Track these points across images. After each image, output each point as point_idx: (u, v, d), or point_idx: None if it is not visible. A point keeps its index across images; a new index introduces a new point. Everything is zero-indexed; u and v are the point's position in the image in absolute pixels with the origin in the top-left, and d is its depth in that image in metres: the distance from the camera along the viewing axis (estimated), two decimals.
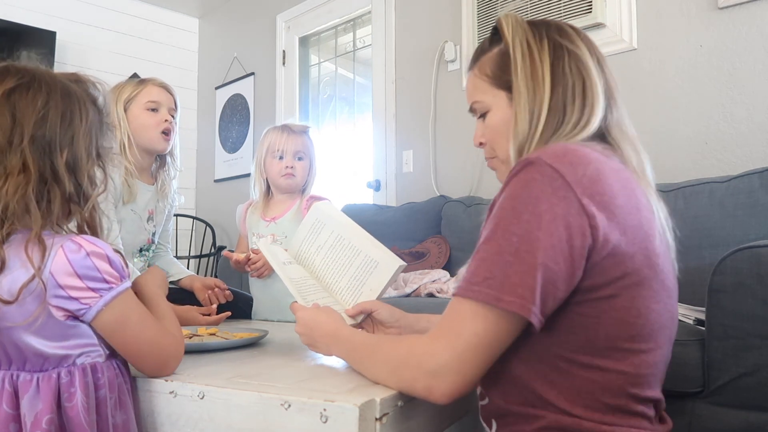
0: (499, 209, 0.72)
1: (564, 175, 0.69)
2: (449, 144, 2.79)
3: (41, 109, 0.76)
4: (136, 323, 0.80)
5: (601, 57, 0.84)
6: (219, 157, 4.17)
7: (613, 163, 0.75)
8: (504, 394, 0.77)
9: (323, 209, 1.19)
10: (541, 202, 0.68)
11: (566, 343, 0.72)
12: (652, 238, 0.74)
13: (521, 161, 0.73)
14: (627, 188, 0.74)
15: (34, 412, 0.73)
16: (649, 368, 0.74)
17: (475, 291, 0.69)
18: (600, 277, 0.70)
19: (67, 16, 3.74)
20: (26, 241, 0.72)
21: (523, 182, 0.71)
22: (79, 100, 0.80)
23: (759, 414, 1.18)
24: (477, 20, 2.58)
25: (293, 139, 1.70)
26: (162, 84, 1.66)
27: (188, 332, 1.17)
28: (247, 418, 0.74)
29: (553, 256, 0.67)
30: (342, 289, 1.12)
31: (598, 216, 0.69)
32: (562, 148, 0.73)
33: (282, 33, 3.77)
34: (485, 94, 0.87)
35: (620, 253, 0.70)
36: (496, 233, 0.70)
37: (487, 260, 0.70)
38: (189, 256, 3.84)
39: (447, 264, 2.37)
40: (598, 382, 0.72)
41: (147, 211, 1.67)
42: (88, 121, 0.80)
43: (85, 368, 0.77)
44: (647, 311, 0.73)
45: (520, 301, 0.67)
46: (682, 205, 1.79)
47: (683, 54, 2.09)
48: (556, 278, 0.68)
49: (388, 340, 0.86)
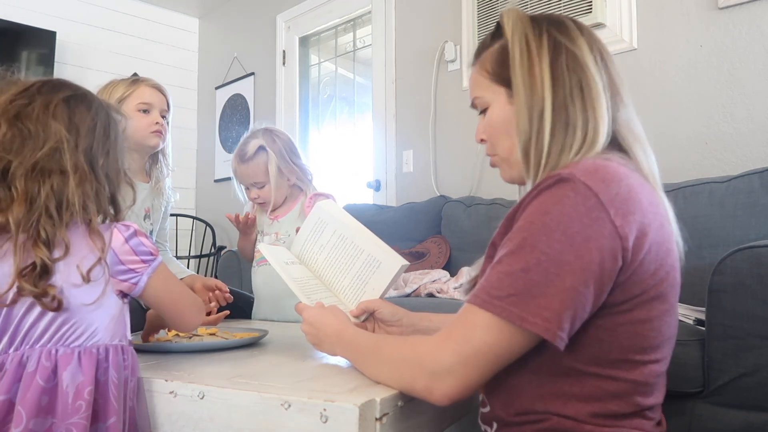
0: (527, 223, 0.70)
1: (598, 193, 0.67)
2: (449, 144, 2.79)
3: (92, 119, 0.88)
4: (175, 284, 0.95)
5: (605, 52, 0.82)
6: (219, 157, 4.16)
7: (638, 178, 0.74)
8: (506, 404, 0.77)
9: (326, 208, 1.19)
10: (574, 222, 0.67)
11: (579, 355, 0.72)
12: (671, 252, 0.74)
13: (554, 176, 0.71)
14: (653, 204, 0.73)
15: (76, 383, 0.78)
16: (657, 377, 0.75)
17: (497, 306, 0.68)
18: (621, 295, 0.70)
19: (67, 16, 3.74)
20: (88, 229, 0.83)
21: (555, 198, 0.69)
22: (114, 121, 0.94)
23: (759, 414, 1.18)
24: (477, 20, 2.58)
25: (244, 170, 1.67)
26: (155, 85, 1.65)
27: (188, 332, 1.17)
28: (247, 418, 0.74)
29: (583, 279, 0.66)
30: (345, 288, 1.12)
31: (630, 237, 0.68)
32: (593, 164, 0.71)
33: (282, 33, 3.77)
34: (485, 90, 0.86)
35: (644, 271, 0.70)
36: (523, 248, 0.69)
37: (511, 275, 0.69)
38: (189, 256, 3.84)
39: (447, 264, 2.36)
40: (607, 391, 0.72)
41: (143, 210, 1.67)
42: (118, 140, 0.94)
43: (117, 348, 0.84)
44: (660, 323, 0.73)
45: (544, 323, 0.66)
46: (682, 205, 1.78)
47: (683, 54, 2.09)
48: (585, 301, 0.67)
49: (392, 340, 0.86)
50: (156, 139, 1.62)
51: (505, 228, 0.75)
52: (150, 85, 1.63)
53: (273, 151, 1.64)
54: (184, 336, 1.17)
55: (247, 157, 1.64)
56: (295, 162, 1.69)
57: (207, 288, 1.62)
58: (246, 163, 1.65)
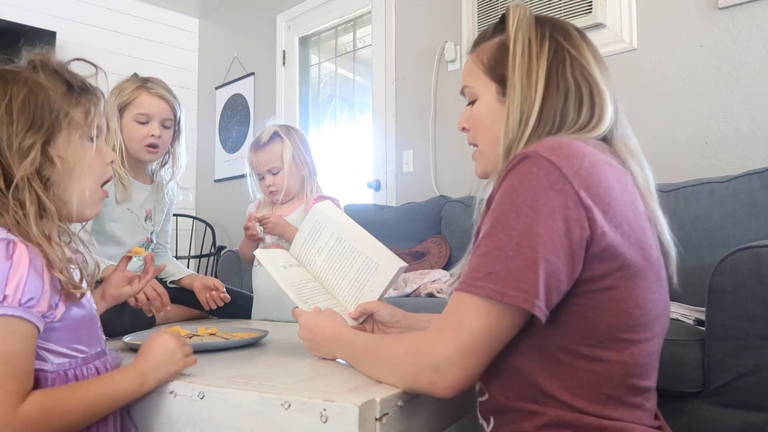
0: (497, 204, 0.72)
1: (560, 167, 0.69)
2: (449, 144, 2.79)
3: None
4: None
5: (605, 65, 0.84)
6: (219, 157, 4.17)
7: (605, 157, 0.76)
8: (504, 389, 0.77)
9: (323, 210, 1.19)
10: (539, 196, 0.69)
11: (567, 335, 0.73)
12: (645, 230, 0.75)
13: (518, 155, 0.73)
14: (620, 181, 0.75)
15: None
16: (647, 358, 0.75)
17: (479, 286, 0.70)
18: (598, 269, 0.71)
19: (67, 16, 3.74)
20: None
21: (520, 176, 0.71)
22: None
23: (759, 414, 1.18)
24: (477, 20, 2.58)
25: (259, 156, 1.69)
26: (158, 93, 1.60)
27: (188, 332, 1.17)
28: (247, 418, 0.74)
29: (553, 249, 0.68)
30: (343, 290, 1.12)
31: (595, 208, 0.69)
32: (557, 141, 0.73)
33: (282, 33, 3.77)
34: (477, 82, 0.88)
35: (617, 245, 0.71)
36: (496, 228, 0.71)
37: (488, 255, 0.70)
38: (189, 256, 3.84)
39: (447, 264, 2.37)
40: (599, 374, 0.72)
41: (144, 210, 1.67)
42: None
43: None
44: (644, 301, 0.73)
45: (523, 295, 0.67)
46: (682, 205, 1.79)
47: (683, 54, 2.09)
48: (558, 271, 0.69)
49: (389, 338, 0.86)
50: (148, 155, 1.60)
51: (485, 216, 0.77)
52: (152, 94, 1.59)
53: (288, 139, 1.69)
54: (183, 336, 1.17)
55: (263, 143, 1.69)
56: (308, 155, 1.73)
57: (206, 288, 1.62)
58: (262, 148, 1.69)
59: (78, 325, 0.78)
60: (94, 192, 0.83)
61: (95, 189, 0.83)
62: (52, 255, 0.73)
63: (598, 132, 0.79)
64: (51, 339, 0.75)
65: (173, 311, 1.51)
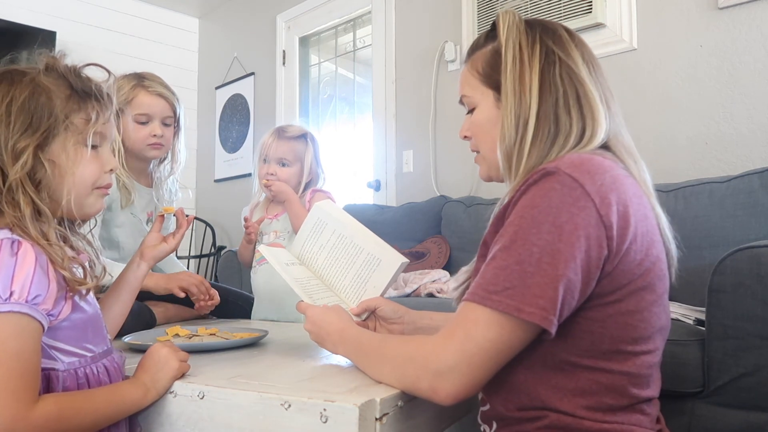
0: (517, 218, 0.72)
1: (583, 184, 0.69)
2: (449, 144, 2.79)
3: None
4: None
5: (596, 64, 0.84)
6: (219, 157, 4.17)
7: (622, 171, 0.76)
8: (506, 401, 0.77)
9: (324, 208, 1.19)
10: (562, 212, 0.69)
11: (572, 348, 0.73)
12: (657, 243, 0.75)
13: (539, 170, 0.72)
14: (637, 195, 0.75)
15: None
16: (650, 368, 0.75)
17: (494, 300, 0.69)
18: (608, 285, 0.71)
19: (67, 16, 3.74)
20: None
21: (542, 191, 0.71)
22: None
23: (759, 414, 1.18)
24: (477, 20, 2.58)
25: (279, 144, 1.69)
26: (156, 91, 1.57)
27: (188, 332, 1.17)
28: (247, 418, 0.74)
29: (573, 267, 0.68)
30: (346, 287, 1.12)
31: (615, 226, 0.69)
32: (577, 157, 0.73)
33: (282, 33, 3.77)
34: (474, 90, 0.88)
35: (630, 261, 0.71)
36: (515, 242, 0.70)
37: (506, 269, 0.70)
38: (189, 256, 3.84)
39: (447, 264, 2.37)
40: (601, 384, 0.72)
41: (146, 213, 1.66)
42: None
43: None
44: (650, 314, 0.73)
45: (541, 312, 0.67)
46: (682, 205, 1.78)
47: (683, 54, 2.09)
48: (574, 288, 0.69)
49: (394, 339, 0.86)
50: (154, 152, 1.59)
51: (496, 227, 0.77)
52: (151, 93, 1.57)
53: (312, 146, 1.74)
54: (183, 336, 1.17)
55: (289, 135, 1.70)
56: (318, 167, 1.77)
57: (183, 289, 1.44)
58: (286, 139, 1.69)
59: (85, 324, 0.79)
60: (85, 197, 0.81)
61: (86, 194, 0.82)
62: (53, 254, 0.73)
63: (599, 135, 0.79)
64: (60, 338, 0.75)
65: (173, 311, 1.51)
